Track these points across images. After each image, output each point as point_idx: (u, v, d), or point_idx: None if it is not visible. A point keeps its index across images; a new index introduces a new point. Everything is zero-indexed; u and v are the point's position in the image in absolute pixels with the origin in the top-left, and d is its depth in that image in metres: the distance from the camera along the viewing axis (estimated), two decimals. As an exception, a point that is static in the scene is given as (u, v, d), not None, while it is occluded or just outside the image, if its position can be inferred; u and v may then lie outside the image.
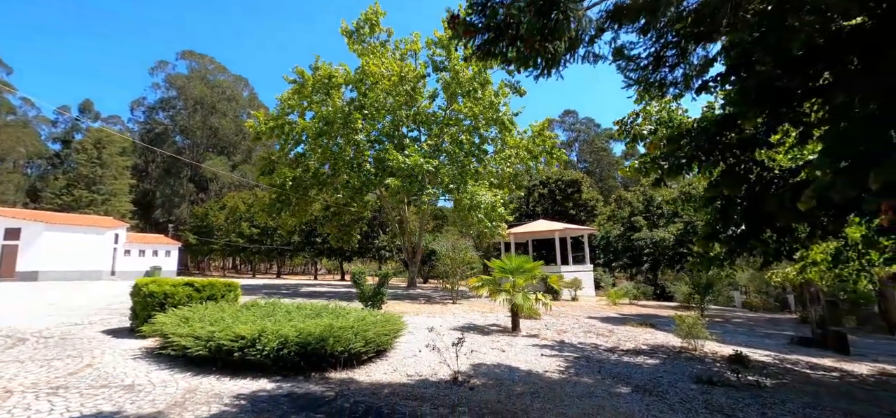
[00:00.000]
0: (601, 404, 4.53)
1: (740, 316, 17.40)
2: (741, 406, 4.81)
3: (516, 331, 9.29)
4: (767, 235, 6.38)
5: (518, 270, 9.40)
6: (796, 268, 8.90)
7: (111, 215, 41.86)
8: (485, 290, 9.21)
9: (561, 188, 34.76)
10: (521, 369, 5.94)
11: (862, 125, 3.79)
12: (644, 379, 5.74)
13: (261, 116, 21.57)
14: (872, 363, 8.51)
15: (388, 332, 5.94)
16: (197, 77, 60.01)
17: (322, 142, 19.65)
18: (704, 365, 7.00)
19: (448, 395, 4.52)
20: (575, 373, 5.87)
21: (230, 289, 7.42)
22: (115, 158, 45.85)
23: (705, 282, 16.32)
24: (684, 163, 6.08)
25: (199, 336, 4.88)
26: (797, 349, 9.66)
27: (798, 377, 6.62)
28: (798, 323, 15.21)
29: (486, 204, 17.21)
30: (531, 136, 21.62)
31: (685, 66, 5.26)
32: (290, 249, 44.91)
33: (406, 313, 11.82)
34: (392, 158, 16.86)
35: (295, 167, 21.36)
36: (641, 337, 9.71)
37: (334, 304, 7.74)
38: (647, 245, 28.97)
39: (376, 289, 11.09)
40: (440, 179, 18.03)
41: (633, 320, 12.96)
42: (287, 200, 20.81)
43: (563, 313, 14.13)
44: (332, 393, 4.34)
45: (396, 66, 18.42)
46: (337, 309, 7.14)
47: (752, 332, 12.58)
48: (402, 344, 6.89)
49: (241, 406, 3.80)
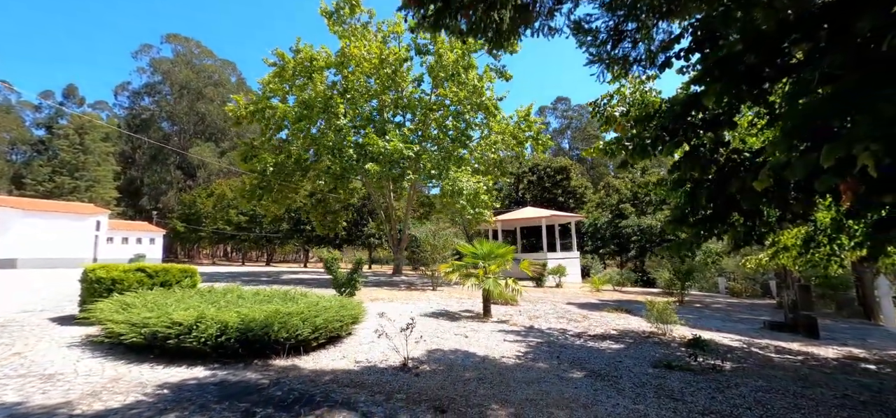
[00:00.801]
0: (547, 390, 4.42)
1: (721, 302, 17.52)
2: (692, 390, 4.73)
3: (487, 317, 9.19)
4: (735, 219, 6.28)
5: (489, 256, 9.26)
6: (768, 253, 8.85)
7: (95, 202, 41.18)
8: (455, 276, 9.08)
9: (550, 175, 34.64)
10: (477, 354, 5.82)
11: (820, 102, 3.63)
12: (602, 364, 5.66)
13: (240, 100, 21.07)
14: (840, 347, 8.53)
15: (343, 319, 5.78)
16: (182, 61, 58.64)
17: (303, 126, 19.26)
18: (669, 350, 6.94)
19: (390, 382, 4.38)
20: (532, 359, 5.76)
21: (187, 275, 7.20)
22: (99, 144, 44.90)
23: (686, 269, 16.35)
24: (649, 144, 5.90)
25: (134, 322, 4.68)
26: (768, 333, 9.68)
27: (760, 361, 6.58)
28: (775, 309, 15.33)
29: (469, 190, 17.02)
30: (517, 122, 21.35)
31: (648, 42, 5.06)
32: (279, 237, 44.57)
33: (380, 299, 11.70)
34: (372, 143, 16.55)
35: (277, 153, 20.95)
36: (613, 322, 9.67)
37: (296, 290, 7.55)
38: (635, 232, 29.06)
39: (349, 276, 10.92)
40: (422, 165, 17.78)
41: (611, 306, 12.95)
42: (268, 186, 20.45)
43: (542, 299, 14.10)
44: (268, 381, 4.18)
45: (376, 48, 17.96)
46: (296, 295, 6.96)
47: (727, 317, 12.64)
48: (362, 330, 6.74)
49: (161, 395, 3.62)
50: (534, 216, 26.13)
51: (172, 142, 59.14)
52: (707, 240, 6.82)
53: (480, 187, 17.83)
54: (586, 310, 11.89)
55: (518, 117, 21.39)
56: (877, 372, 6.35)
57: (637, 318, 10.33)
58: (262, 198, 20.66)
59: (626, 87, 7.45)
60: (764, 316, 13.35)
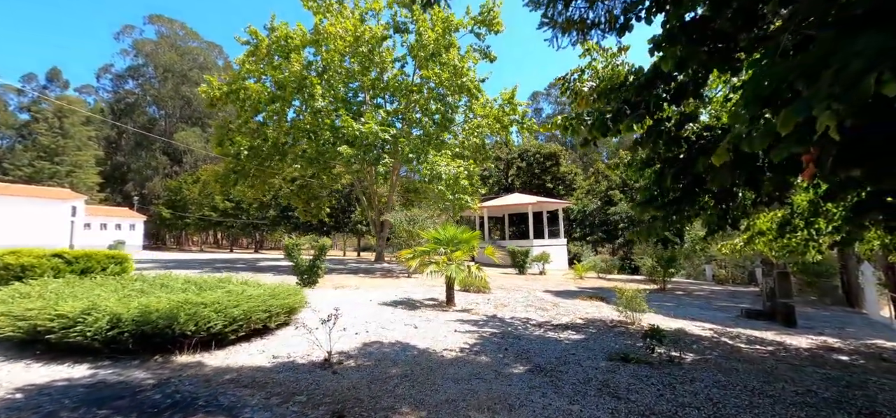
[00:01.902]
0: (475, 388, 3.96)
1: (705, 289, 17.24)
2: (641, 386, 4.29)
3: (450, 306, 8.75)
4: (705, 201, 5.80)
5: (452, 242, 8.77)
6: (743, 238, 8.42)
7: (77, 188, 40.26)
8: (414, 263, 8.60)
9: (539, 161, 34.06)
10: (418, 348, 5.36)
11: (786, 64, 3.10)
12: (551, 358, 5.21)
13: (214, 81, 20.21)
14: (816, 336, 8.17)
15: (271, 309, 5.27)
16: (166, 43, 56.94)
17: (277, 109, 18.50)
18: (632, 341, 6.52)
19: (300, 381, 3.91)
20: (477, 352, 5.31)
21: (116, 261, 6.66)
22: (79, 129, 43.70)
23: (669, 256, 15.99)
24: (609, 119, 5.35)
25: (15, 314, 4.15)
26: (744, 322, 9.32)
27: (726, 352, 6.18)
28: (757, 296, 15.04)
29: (449, 175, 16.46)
30: (501, 105, 20.69)
31: (607, 1, 4.49)
32: (265, 224, 43.93)
33: (346, 287, 11.23)
34: (346, 126, 15.88)
35: (255, 136, 20.19)
36: (583, 310, 9.26)
37: (240, 277, 7.04)
38: (623, 219, 28.69)
39: (312, 263, 10.43)
40: (400, 149, 17.16)
41: (588, 294, 12.58)
42: (243, 171, 19.76)
43: (519, 287, 13.70)
44: (154, 382, 3.68)
45: (352, 25, 17.14)
46: (235, 282, 6.45)
47: (707, 305, 12.31)
48: (304, 319, 6.26)
49: (10, 401, 3.12)
50: (520, 202, 25.67)
51: (158, 127, 57.89)
52: (677, 223, 6.33)
53: (461, 172, 17.27)
54: (560, 297, 11.50)
55: (502, 100, 20.72)
56: (848, 364, 5.97)
57: (610, 307, 9.93)
58: (237, 183, 19.98)
59: (598, 60, 6.86)
60: (744, 304, 13.03)
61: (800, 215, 7.37)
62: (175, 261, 21.59)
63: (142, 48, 56.63)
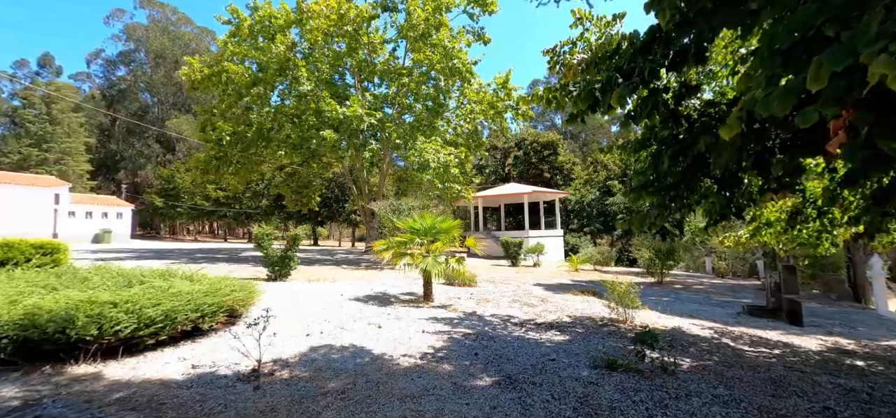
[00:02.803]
0: (424, 409, 3.25)
1: (704, 283, 16.55)
2: (627, 404, 3.59)
3: (427, 301, 8.05)
4: (707, 187, 5.04)
5: (430, 231, 8.04)
6: (749, 229, 7.67)
7: (66, 176, 39.53)
8: (387, 254, 7.88)
9: (536, 150, 33.18)
10: (372, 353, 4.65)
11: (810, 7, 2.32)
12: (526, 365, 4.51)
13: (195, 63, 19.33)
14: (825, 336, 7.47)
15: (201, 308, 4.55)
16: (157, 28, 55.63)
17: (259, 92, 17.63)
18: (622, 342, 5.83)
19: (204, 401, 3.20)
20: (441, 358, 4.60)
21: (45, 252, 5.94)
22: (68, 115, 42.77)
23: (667, 248, 15.27)
24: (598, 89, 4.55)
25: None
26: (747, 320, 8.62)
27: (728, 356, 5.47)
28: (760, 291, 14.36)
29: (437, 163, 15.66)
30: (495, 90, 19.79)
31: None
32: (258, 213, 43.23)
33: (322, 279, 10.55)
34: (330, 109, 15.04)
35: (239, 122, 19.34)
36: (573, 306, 8.57)
37: (184, 270, 6.32)
38: (621, 210, 27.92)
39: (283, 255, 9.72)
40: (388, 135, 16.34)
41: (580, 288, 11.88)
42: (226, 158, 18.95)
43: (508, 280, 13.02)
44: (20, 401, 2.97)
45: (335, 3, 16.20)
46: (177, 277, 5.73)
47: (707, 300, 11.61)
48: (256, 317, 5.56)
49: None
50: (515, 192, 24.89)
51: (151, 114, 56.89)
52: (676, 212, 5.56)
53: (451, 159, 16.46)
54: (551, 292, 10.81)
55: (496, 85, 19.82)
56: (865, 371, 5.26)
57: (602, 302, 9.22)
58: (219, 170, 19.20)
59: (591, 32, 6.02)
60: (746, 298, 12.34)
61: (812, 204, 6.62)
62: (154, 250, 20.94)
63: (133, 33, 55.36)
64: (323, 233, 61.17)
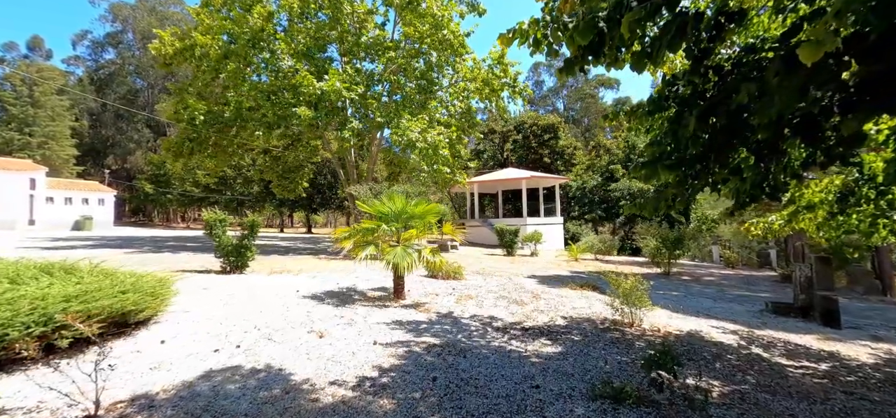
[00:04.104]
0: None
1: (714, 274, 15.31)
2: (643, 477, 2.34)
3: (398, 299, 6.83)
4: (741, 157, 3.79)
5: (401, 216, 6.77)
6: (784, 214, 6.36)
7: (50, 161, 38.32)
8: (348, 243, 6.63)
9: (536, 134, 31.67)
10: (292, 379, 3.42)
11: None
12: (498, 396, 3.28)
13: (165, 36, 17.83)
14: (872, 342, 6.23)
15: (47, 317, 3.30)
16: (144, 7, 53.66)
17: (232, 67, 16.17)
18: (630, 354, 4.60)
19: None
20: (382, 388, 3.37)
21: None
22: (52, 99, 41.29)
23: (675, 236, 13.99)
24: (602, 17, 3.19)
25: None
26: (772, 320, 7.38)
27: (767, 375, 4.23)
28: (777, 283, 13.13)
29: (423, 144, 14.31)
30: (490, 65, 18.30)
31: None
32: (249, 200, 42.04)
33: (284, 271, 9.33)
34: (306, 83, 13.64)
35: (217, 100, 17.92)
36: (570, 304, 7.33)
37: (82, 262, 5.06)
38: (624, 196, 26.57)
39: (238, 244, 8.49)
40: (371, 113, 14.97)
41: (580, 280, 10.65)
42: (199, 139, 17.58)
43: (500, 272, 11.80)
44: None
45: (311, -36, 14.65)
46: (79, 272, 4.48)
47: (720, 295, 10.37)
48: (167, 329, 4.34)
49: None
50: (512, 177, 23.54)
51: (141, 98, 55.33)
52: (699, 189, 4.26)
53: (440, 140, 15.08)
54: (546, 285, 9.58)
55: (491, 60, 18.32)
56: (951, 398, 4.02)
57: (603, 299, 7.99)
58: (192, 153, 17.86)
59: None
60: (764, 292, 11.11)
61: (868, 180, 5.29)
62: (126, 238, 19.80)
63: (119, 13, 53.44)
64: (319, 220, 60.00)
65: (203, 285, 7.02)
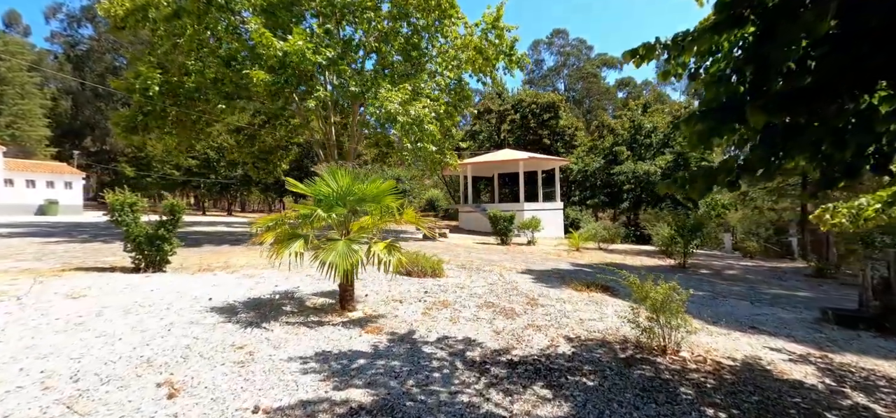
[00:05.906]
0: None
1: (734, 266, 13.58)
2: None
3: (345, 310, 5.04)
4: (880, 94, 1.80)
5: (348, 198, 4.92)
6: (878, 197, 4.53)
7: (21, 141, 36.09)
8: (270, 236, 4.80)
9: (535, 113, 29.55)
10: None
11: None
12: None
13: (114, -6, 15.60)
14: None
15: None
16: (121, -20, 50.39)
17: (191, 29, 14.05)
18: (672, 407, 2.82)
19: None
20: None
21: None
22: (21, 75, 38.74)
23: (693, 223, 12.20)
24: None
25: None
26: (844, 337, 5.61)
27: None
28: (811, 278, 11.40)
29: (405, 117, 12.34)
30: (484, 30, 16.17)
31: None
32: (234, 183, 39.99)
33: (224, 268, 7.52)
34: (266, 43, 11.57)
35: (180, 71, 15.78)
36: (574, 314, 5.56)
37: None
38: (629, 180, 24.72)
39: (152, 234, 6.64)
40: (343, 81, 12.95)
41: (585, 277, 8.89)
42: (155, 113, 15.52)
43: (491, 265, 10.03)
44: None
45: None
46: None
47: (754, 296, 8.59)
48: None
49: None
50: (509, 158, 21.60)
51: (120, 76, 52.54)
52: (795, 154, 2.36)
53: (425, 113, 13.10)
54: (544, 285, 7.80)
55: (485, 24, 16.18)
56: None
57: (618, 305, 6.21)
58: (147, 128, 15.84)
59: None
60: (802, 291, 9.37)
61: None
62: (71, 224, 17.89)
63: (94, -15, 50.25)
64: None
65: (69, 292, 5.20)
